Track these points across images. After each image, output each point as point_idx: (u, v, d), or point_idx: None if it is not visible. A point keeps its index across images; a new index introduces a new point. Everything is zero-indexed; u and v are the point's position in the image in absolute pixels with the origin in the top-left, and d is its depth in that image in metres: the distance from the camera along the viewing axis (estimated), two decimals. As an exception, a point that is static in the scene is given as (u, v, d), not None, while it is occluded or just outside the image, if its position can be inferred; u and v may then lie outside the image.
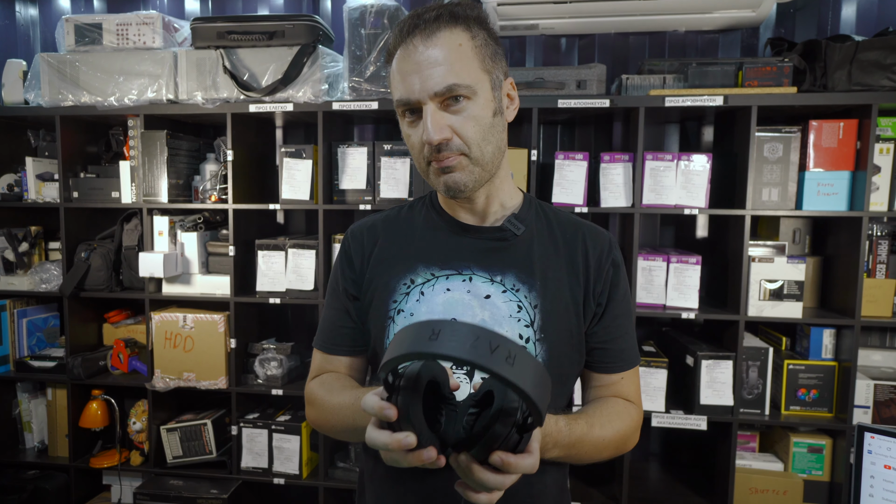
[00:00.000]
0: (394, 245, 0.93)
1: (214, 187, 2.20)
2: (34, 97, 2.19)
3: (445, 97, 0.80)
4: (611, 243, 0.93)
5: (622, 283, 0.92)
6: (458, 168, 0.82)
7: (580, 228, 0.93)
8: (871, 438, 0.81)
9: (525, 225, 0.90)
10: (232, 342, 2.17)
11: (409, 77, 0.80)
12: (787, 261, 1.92)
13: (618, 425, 0.87)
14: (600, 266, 0.90)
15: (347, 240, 0.97)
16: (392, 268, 0.91)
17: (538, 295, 0.86)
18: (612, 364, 0.92)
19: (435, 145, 0.80)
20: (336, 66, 2.09)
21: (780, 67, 1.87)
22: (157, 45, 2.12)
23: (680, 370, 2.06)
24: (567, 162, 2.01)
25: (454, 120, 0.80)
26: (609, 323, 0.90)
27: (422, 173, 0.86)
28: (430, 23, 0.80)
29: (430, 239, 0.92)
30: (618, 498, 2.03)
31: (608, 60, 2.28)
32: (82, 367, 2.25)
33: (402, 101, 0.82)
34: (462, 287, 0.86)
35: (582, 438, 0.80)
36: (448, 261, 0.89)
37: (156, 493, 2.13)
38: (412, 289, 0.88)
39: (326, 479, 2.16)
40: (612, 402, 0.91)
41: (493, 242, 0.89)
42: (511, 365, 0.54)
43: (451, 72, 0.79)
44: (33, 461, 2.35)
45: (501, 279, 0.86)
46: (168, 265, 2.15)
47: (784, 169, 1.93)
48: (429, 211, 0.95)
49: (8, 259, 2.35)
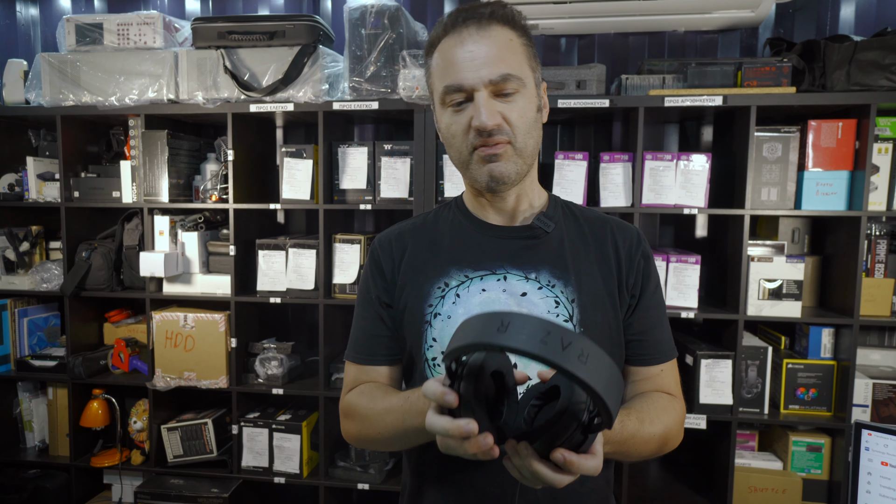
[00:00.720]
0: (424, 251, 0.93)
1: (215, 187, 2.21)
2: (35, 97, 2.20)
3: (498, 86, 0.82)
4: (639, 236, 0.94)
5: (654, 274, 0.93)
6: (504, 157, 0.84)
7: (608, 223, 0.95)
8: (868, 435, 0.81)
9: (554, 222, 0.91)
10: (232, 341, 2.18)
11: (462, 64, 0.82)
12: (786, 260, 1.92)
13: (666, 420, 0.86)
14: (631, 258, 0.91)
15: (376, 249, 0.97)
16: (424, 273, 0.91)
17: (574, 289, 0.87)
18: (649, 356, 0.92)
19: (487, 130, 0.81)
20: (336, 66, 2.09)
21: (779, 67, 1.87)
22: (158, 44, 2.13)
23: (679, 369, 2.06)
24: (567, 162, 2.02)
25: (505, 108, 0.82)
26: (643, 314, 0.91)
27: (460, 163, 0.87)
28: (485, 17, 0.84)
29: (461, 242, 0.93)
30: (618, 497, 2.03)
31: (608, 60, 2.28)
32: (83, 367, 2.26)
33: (453, 86, 0.83)
34: (497, 286, 0.87)
35: (634, 435, 0.79)
36: (481, 262, 0.89)
37: (156, 493, 2.13)
38: (447, 292, 0.89)
39: (327, 479, 2.17)
40: (658, 397, 0.90)
41: (523, 241, 0.90)
42: (584, 363, 0.53)
43: (506, 62, 0.82)
44: (34, 460, 2.36)
45: (536, 276, 0.87)
46: (169, 265, 2.15)
47: (783, 169, 1.94)
48: (456, 215, 0.96)
49: (9, 258, 2.35)
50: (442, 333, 0.88)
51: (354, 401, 0.92)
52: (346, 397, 0.95)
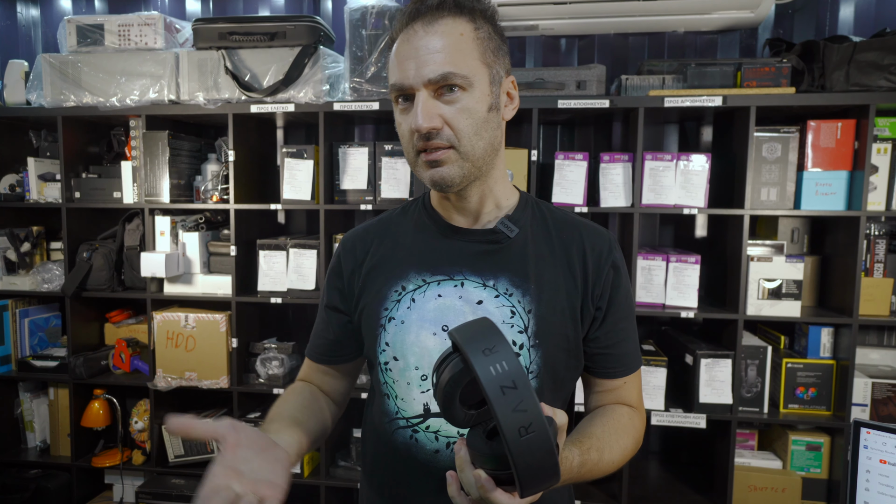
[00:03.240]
0: (386, 251, 0.92)
1: (216, 187, 2.21)
2: (36, 98, 2.20)
3: (439, 85, 0.78)
4: (611, 244, 0.90)
5: (623, 285, 0.89)
6: (446, 162, 0.80)
7: (578, 228, 0.90)
8: (867, 434, 0.82)
9: (519, 226, 0.87)
10: (233, 342, 2.18)
11: (405, 62, 0.79)
12: (785, 260, 1.93)
13: (625, 443, 0.85)
14: (599, 269, 0.87)
15: (339, 250, 0.97)
16: (383, 274, 0.90)
17: (532, 299, 0.84)
18: (614, 369, 0.90)
19: (424, 133, 0.78)
20: (337, 66, 2.10)
21: (779, 68, 1.88)
22: (159, 45, 2.13)
23: (679, 369, 2.07)
24: (567, 162, 2.02)
25: (446, 110, 0.78)
26: (610, 328, 0.88)
27: (410, 164, 0.84)
28: (433, 10, 0.79)
29: (422, 243, 0.90)
30: (618, 496, 2.04)
31: (608, 61, 2.29)
32: (84, 367, 2.26)
33: (395, 85, 0.81)
34: (454, 293, 0.84)
35: (592, 469, 0.78)
36: (439, 266, 0.87)
37: (158, 492, 2.14)
38: (403, 295, 0.87)
39: (328, 478, 2.17)
40: (618, 416, 0.88)
41: (485, 245, 0.87)
42: (520, 436, 0.53)
43: (448, 60, 0.77)
44: (35, 460, 2.36)
45: (494, 283, 0.84)
46: (170, 265, 2.16)
47: (782, 169, 1.94)
48: (421, 213, 0.93)
49: (10, 259, 2.35)
50: (395, 338, 0.86)
51: (282, 395, 0.97)
52: (288, 386, 1.01)
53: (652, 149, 2.27)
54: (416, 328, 0.85)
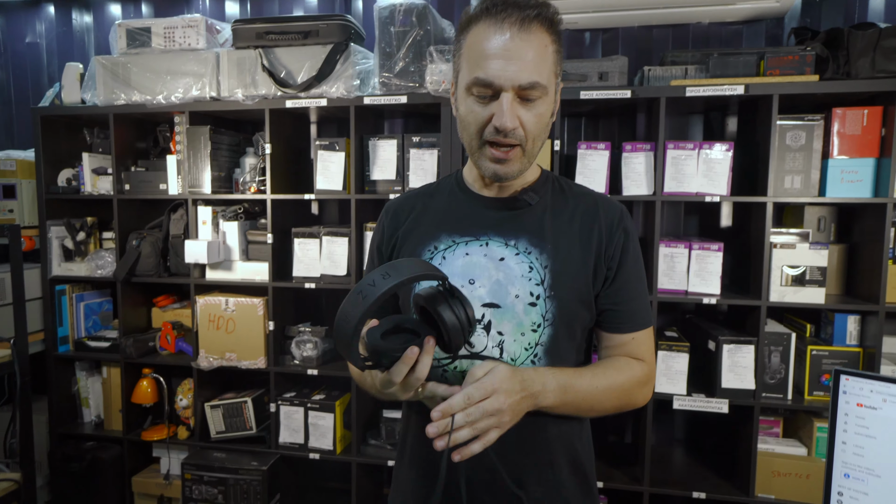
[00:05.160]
0: (422, 217, 1.03)
1: (254, 179, 2.34)
2: (90, 97, 2.37)
3: (526, 91, 0.85)
4: (622, 213, 0.99)
5: (632, 250, 0.98)
6: (512, 160, 0.90)
7: (594, 198, 1.01)
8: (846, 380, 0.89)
9: (539, 196, 0.98)
10: (270, 325, 2.31)
11: (495, 60, 0.84)
12: (809, 247, 1.93)
13: (614, 377, 0.93)
14: (612, 233, 0.97)
15: (382, 215, 1.09)
16: (419, 236, 1.01)
17: (549, 257, 0.93)
18: (622, 324, 0.98)
19: (505, 133, 0.86)
20: (367, 62, 2.19)
21: (803, 56, 1.88)
22: (201, 46, 2.27)
23: (702, 355, 2.10)
24: (589, 151, 2.07)
25: (524, 113, 0.87)
26: (620, 286, 0.96)
27: (470, 148, 0.93)
28: (530, 18, 0.84)
29: (453, 210, 1.02)
30: (640, 479, 2.08)
31: (631, 53, 2.32)
32: (134, 348, 2.42)
33: (481, 80, 0.85)
34: (480, 251, 0.95)
35: (573, 385, 0.88)
36: (467, 229, 0.98)
37: (201, 465, 2.28)
38: (435, 254, 0.98)
39: (359, 455, 2.28)
40: (615, 359, 0.97)
41: (508, 212, 0.98)
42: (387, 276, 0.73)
43: (537, 70, 0.85)
44: (91, 433, 2.55)
45: (515, 243, 0.94)
46: (211, 252, 2.29)
47: (807, 156, 1.95)
48: (454, 187, 1.05)
49: (67, 247, 2.54)
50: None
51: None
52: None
53: (676, 140, 2.29)
54: None
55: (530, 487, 0.94)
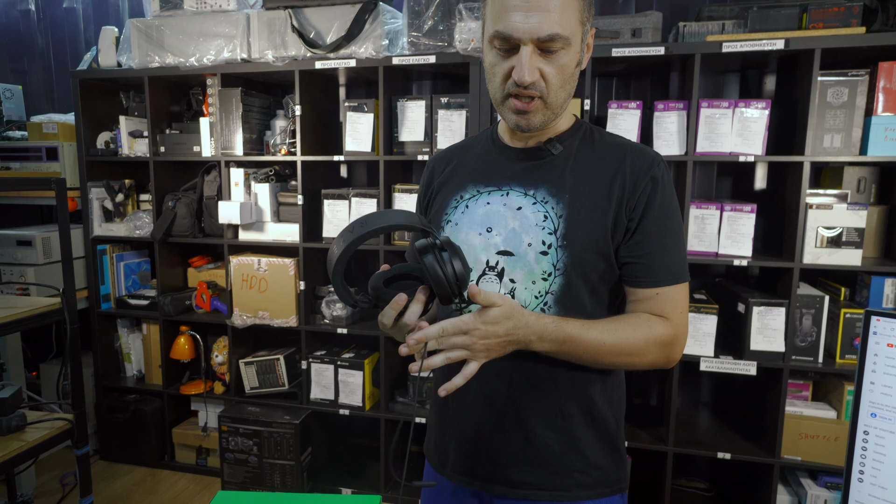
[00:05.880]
0: (457, 170, 1.06)
1: (284, 141, 2.37)
2: (126, 60, 2.42)
3: (545, 43, 0.84)
4: (654, 161, 0.94)
5: (661, 199, 0.93)
6: (534, 112, 0.89)
7: (625, 148, 0.97)
8: (877, 321, 0.86)
9: (564, 146, 0.97)
10: (301, 284, 2.36)
11: (513, 12, 0.83)
12: (847, 208, 1.88)
13: (626, 334, 0.90)
14: (636, 182, 0.93)
15: (430, 163, 1.14)
16: (449, 187, 1.05)
17: (565, 206, 0.93)
18: (643, 279, 0.93)
19: (524, 85, 0.86)
20: (396, 22, 2.18)
21: (849, 7, 1.80)
22: (232, 7, 2.28)
23: (731, 318, 2.08)
24: (620, 111, 2.04)
25: (545, 65, 0.86)
26: (642, 238, 0.92)
27: (495, 100, 0.94)
28: None
29: (482, 162, 1.04)
30: (664, 439, 2.10)
31: (666, 8, 2.25)
32: (171, 306, 2.52)
33: (501, 34, 0.85)
34: (500, 201, 0.97)
35: (573, 337, 0.86)
36: (492, 179, 1.00)
37: (237, 418, 2.38)
38: (460, 203, 1.01)
39: (387, 412, 2.34)
40: (634, 315, 0.94)
41: (531, 161, 0.98)
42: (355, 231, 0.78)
43: (557, 21, 0.83)
44: (133, 387, 2.67)
45: (534, 193, 0.96)
46: (244, 213, 2.35)
47: (849, 114, 1.88)
48: (487, 140, 1.07)
49: (107, 208, 2.62)
50: (450, 236, 0.96)
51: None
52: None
53: (711, 98, 2.23)
54: (465, 228, 0.99)
55: (538, 430, 0.95)
